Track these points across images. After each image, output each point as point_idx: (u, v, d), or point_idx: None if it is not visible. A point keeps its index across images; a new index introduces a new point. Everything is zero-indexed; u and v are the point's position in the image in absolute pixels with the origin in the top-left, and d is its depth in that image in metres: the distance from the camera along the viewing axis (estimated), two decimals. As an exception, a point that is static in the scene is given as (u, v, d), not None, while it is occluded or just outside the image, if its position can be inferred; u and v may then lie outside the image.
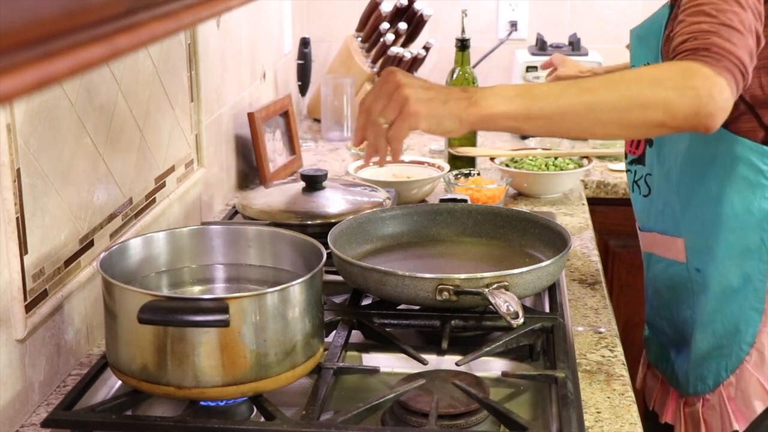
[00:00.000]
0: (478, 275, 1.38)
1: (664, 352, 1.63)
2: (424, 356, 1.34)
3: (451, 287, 1.37)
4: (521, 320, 1.29)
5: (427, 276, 1.38)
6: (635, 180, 1.58)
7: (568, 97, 1.22)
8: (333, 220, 1.68)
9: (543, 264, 1.43)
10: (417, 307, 1.46)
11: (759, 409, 1.46)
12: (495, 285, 1.36)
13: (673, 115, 1.20)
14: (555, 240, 1.57)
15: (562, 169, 2.23)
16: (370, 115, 1.24)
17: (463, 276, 1.38)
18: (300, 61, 2.75)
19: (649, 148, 1.53)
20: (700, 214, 1.46)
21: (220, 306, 1.12)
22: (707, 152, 1.43)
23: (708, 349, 1.49)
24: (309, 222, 1.72)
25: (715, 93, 1.19)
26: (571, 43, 2.82)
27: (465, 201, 1.78)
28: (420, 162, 2.24)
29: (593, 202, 2.31)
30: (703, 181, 1.44)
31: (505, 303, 1.31)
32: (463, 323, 1.42)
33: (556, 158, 2.28)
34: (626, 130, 1.29)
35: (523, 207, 2.11)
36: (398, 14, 2.74)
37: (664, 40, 1.42)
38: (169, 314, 1.12)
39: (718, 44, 1.22)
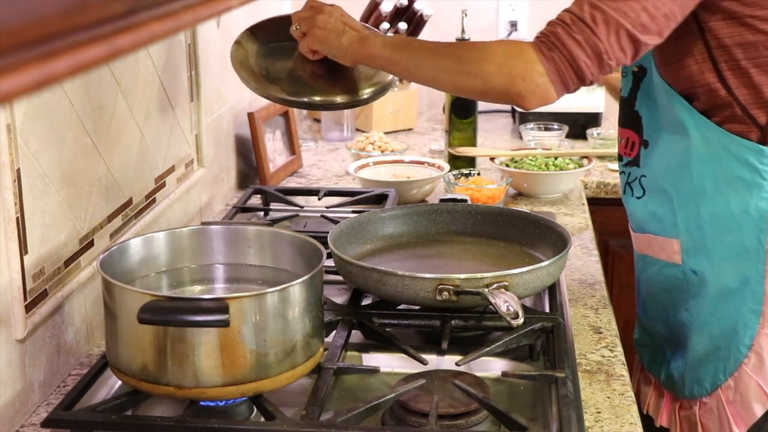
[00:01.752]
0: (478, 275, 1.38)
1: (658, 354, 1.61)
2: (424, 356, 1.34)
3: (451, 287, 1.37)
4: (521, 320, 1.29)
5: (427, 276, 1.38)
6: (628, 182, 1.56)
7: (422, 53, 1.42)
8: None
9: (543, 264, 1.43)
10: (417, 307, 1.46)
11: (759, 412, 1.43)
12: (495, 285, 1.36)
13: (490, 87, 1.35)
14: (555, 240, 1.57)
15: (562, 169, 2.23)
16: (296, 14, 1.52)
17: (463, 276, 1.38)
18: (300, 61, 2.75)
19: (644, 150, 1.52)
20: (696, 214, 1.44)
21: (220, 306, 1.12)
22: (703, 152, 1.41)
23: (705, 351, 1.47)
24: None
25: (528, 77, 1.31)
26: (571, 43, 2.82)
27: (465, 201, 1.78)
28: (420, 162, 2.24)
29: (593, 202, 2.31)
30: (699, 181, 1.43)
31: (505, 303, 1.31)
32: (463, 323, 1.42)
33: (556, 158, 2.28)
34: (459, 91, 1.48)
35: (523, 207, 2.11)
36: (398, 14, 2.73)
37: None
38: (169, 314, 1.12)
39: (558, 36, 1.31)
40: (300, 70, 1.56)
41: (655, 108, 1.48)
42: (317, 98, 1.57)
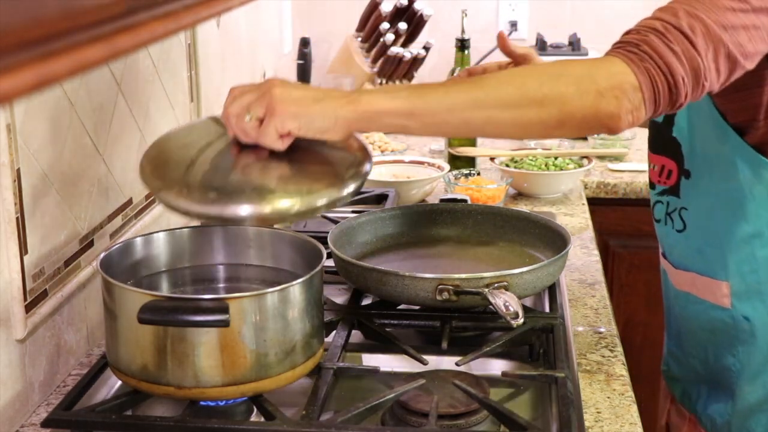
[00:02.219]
0: (478, 275, 1.38)
1: (694, 391, 1.51)
2: (424, 356, 1.34)
3: (451, 287, 1.37)
4: (521, 320, 1.29)
5: (427, 276, 1.38)
6: (668, 212, 1.43)
7: (457, 91, 1.11)
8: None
9: (543, 264, 1.43)
10: (417, 307, 1.46)
11: None
12: (495, 285, 1.36)
13: (571, 114, 1.09)
14: (555, 240, 1.57)
15: (562, 169, 2.23)
16: (234, 105, 1.15)
17: (463, 276, 1.38)
18: (300, 61, 2.75)
19: (684, 180, 1.39)
20: (748, 257, 1.33)
21: (220, 306, 1.12)
22: (759, 193, 1.30)
23: (757, 401, 1.38)
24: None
25: (620, 93, 1.09)
26: (571, 43, 2.82)
27: (465, 201, 1.78)
28: (420, 162, 2.24)
29: (593, 202, 2.31)
30: (755, 223, 1.31)
31: (505, 303, 1.31)
32: (463, 323, 1.42)
33: (556, 158, 2.28)
34: (521, 130, 1.15)
35: (523, 207, 2.11)
36: (398, 14, 2.74)
37: None
38: (169, 314, 1.12)
39: (651, 44, 1.11)
40: (256, 173, 1.16)
41: (698, 136, 1.35)
42: (296, 205, 1.12)
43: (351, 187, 1.15)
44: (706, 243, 1.37)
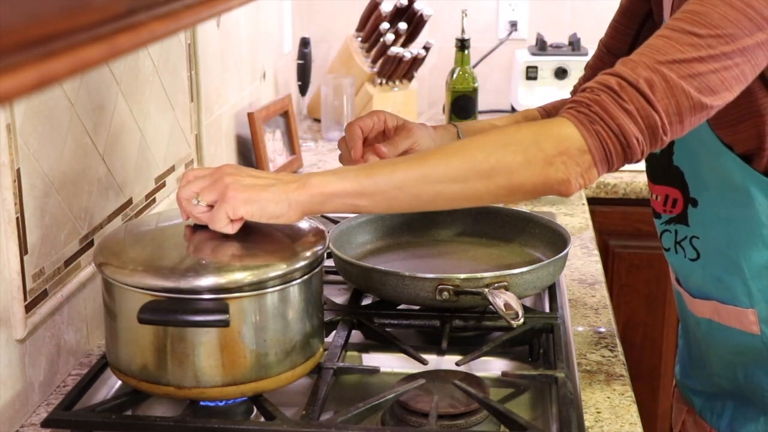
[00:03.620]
0: (478, 275, 1.38)
1: (718, 405, 1.46)
2: (424, 356, 1.34)
3: (451, 287, 1.37)
4: (521, 320, 1.29)
5: (427, 276, 1.38)
6: (678, 241, 1.39)
7: (404, 169, 1.11)
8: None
9: (543, 264, 1.43)
10: (417, 307, 1.46)
11: None
12: (495, 285, 1.36)
13: (520, 183, 1.08)
14: (555, 240, 1.57)
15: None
16: (186, 190, 1.17)
17: (463, 276, 1.38)
18: (300, 61, 2.76)
19: (692, 208, 1.35)
20: None
21: (220, 306, 1.12)
22: None
23: None
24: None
25: (567, 158, 1.07)
26: (571, 43, 2.82)
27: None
28: (420, 162, 2.24)
29: (593, 202, 2.31)
30: None
31: (505, 303, 1.31)
32: (463, 323, 1.42)
33: (556, 158, 2.28)
34: (472, 202, 1.14)
35: (523, 207, 2.11)
36: (398, 14, 2.74)
37: None
38: (169, 314, 1.12)
39: (602, 104, 1.07)
40: (209, 250, 1.17)
41: (704, 166, 1.31)
42: (249, 277, 1.14)
43: (303, 263, 1.19)
44: (725, 272, 1.33)
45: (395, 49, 2.67)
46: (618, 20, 1.54)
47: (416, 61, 2.74)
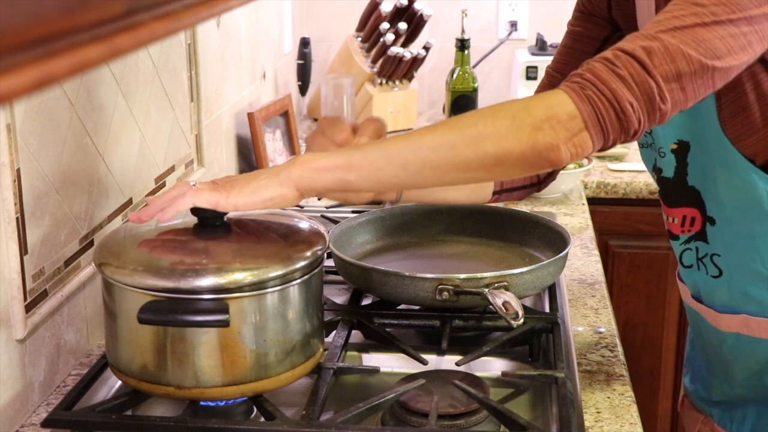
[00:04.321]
0: (478, 275, 1.37)
1: (739, 413, 1.44)
2: (424, 356, 1.34)
3: (451, 287, 1.37)
4: (521, 320, 1.29)
5: (427, 276, 1.38)
6: (699, 258, 1.37)
7: (393, 141, 1.12)
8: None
9: (543, 264, 1.43)
10: (417, 307, 1.46)
11: None
12: (495, 285, 1.36)
13: (508, 149, 1.05)
14: (555, 240, 1.57)
15: (562, 169, 2.23)
16: (175, 189, 1.17)
17: (463, 276, 1.38)
18: (300, 61, 2.76)
19: (710, 227, 1.34)
20: None
21: (220, 306, 1.12)
22: None
23: None
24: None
25: (555, 123, 1.03)
26: (571, 43, 2.82)
27: (465, 201, 1.78)
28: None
29: (593, 202, 2.31)
30: None
31: (505, 303, 1.31)
32: (463, 323, 1.42)
33: (556, 158, 2.28)
34: (462, 172, 1.10)
35: (523, 207, 2.11)
36: (398, 14, 2.74)
37: (720, 117, 1.25)
38: (169, 314, 1.12)
39: (594, 71, 1.05)
40: (209, 257, 1.17)
41: (717, 182, 1.30)
42: (249, 277, 1.14)
43: (303, 263, 1.19)
44: (752, 285, 1.32)
45: (395, 49, 2.67)
46: (569, 46, 1.51)
47: (416, 61, 2.74)
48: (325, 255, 1.27)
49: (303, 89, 2.80)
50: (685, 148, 1.32)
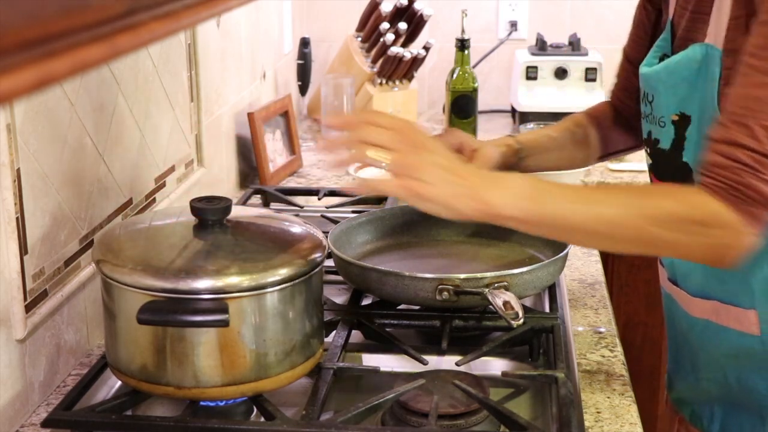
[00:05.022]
0: (478, 275, 1.38)
1: (706, 411, 1.46)
2: (424, 356, 1.34)
3: (451, 287, 1.37)
4: (521, 320, 1.29)
5: (428, 276, 1.38)
6: None
7: (579, 210, 1.16)
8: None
9: (543, 264, 1.43)
10: (417, 307, 1.46)
11: None
12: (495, 285, 1.36)
13: (688, 256, 1.22)
14: (555, 240, 1.56)
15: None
16: (369, 136, 1.18)
17: (463, 276, 1.38)
18: (300, 61, 2.76)
19: None
20: None
21: (220, 306, 1.12)
22: None
23: None
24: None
25: (736, 244, 1.15)
26: (571, 43, 2.82)
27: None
28: (420, 162, 2.24)
29: (593, 202, 2.30)
30: None
31: (505, 303, 1.31)
32: (463, 323, 1.42)
33: (556, 158, 2.28)
34: (637, 252, 1.30)
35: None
36: (398, 14, 2.74)
37: (720, 94, 1.27)
38: (169, 314, 1.12)
39: (751, 186, 1.13)
40: (209, 256, 1.17)
41: None
42: (247, 281, 1.15)
43: (303, 262, 1.20)
44: (727, 271, 1.31)
45: (395, 49, 2.67)
46: (634, 32, 1.54)
47: (416, 61, 2.74)
48: (325, 255, 1.27)
49: (303, 89, 2.80)
50: (686, 122, 1.33)
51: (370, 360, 1.39)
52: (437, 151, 1.17)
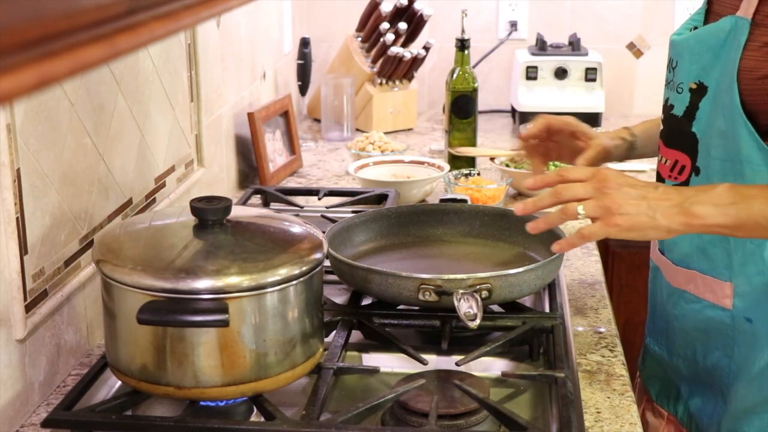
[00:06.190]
0: (462, 276, 1.37)
1: (671, 389, 1.51)
2: (424, 356, 1.34)
3: (432, 287, 1.37)
4: (477, 322, 1.29)
5: (410, 275, 1.38)
6: None
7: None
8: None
9: (528, 267, 1.41)
10: (417, 307, 1.46)
11: None
12: (477, 287, 1.36)
13: None
14: (553, 242, 1.56)
15: None
16: (568, 191, 1.24)
17: (445, 277, 1.37)
18: (300, 61, 2.75)
19: (695, 177, 1.38)
20: (755, 259, 1.32)
21: (220, 306, 1.12)
22: None
23: (752, 404, 1.36)
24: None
25: None
26: (571, 43, 2.82)
27: (465, 201, 1.78)
28: (420, 162, 2.24)
29: (593, 202, 2.30)
30: None
31: (468, 306, 1.31)
32: (463, 323, 1.41)
33: (556, 158, 2.28)
34: None
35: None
36: (398, 14, 2.74)
37: (744, 70, 1.29)
38: (169, 314, 1.12)
39: None
40: (208, 257, 1.17)
41: (715, 134, 1.34)
42: (246, 281, 1.16)
43: (302, 262, 1.20)
44: (711, 243, 1.36)
45: (395, 49, 2.67)
46: None
47: (416, 61, 2.74)
48: (325, 255, 1.27)
49: (303, 89, 2.80)
50: (702, 92, 1.35)
51: (370, 360, 1.39)
52: (626, 183, 1.22)
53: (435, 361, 1.35)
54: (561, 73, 2.74)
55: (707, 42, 1.34)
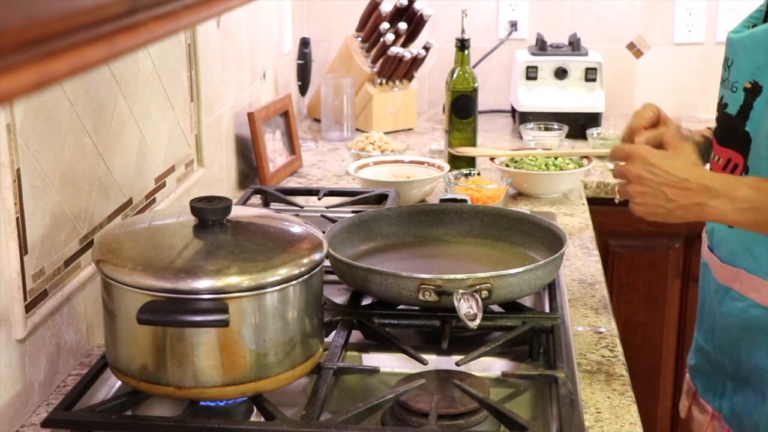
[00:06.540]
0: (460, 276, 1.37)
1: (719, 387, 1.51)
2: (424, 356, 1.34)
3: (432, 287, 1.37)
4: (477, 322, 1.29)
5: (410, 275, 1.38)
6: None
7: None
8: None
9: (528, 267, 1.41)
10: (417, 307, 1.46)
11: None
12: (477, 287, 1.36)
13: None
14: (553, 243, 1.56)
15: (562, 169, 2.23)
16: (614, 171, 1.35)
17: (445, 276, 1.37)
18: (300, 61, 2.76)
19: (745, 175, 1.38)
20: None
21: (220, 306, 1.12)
22: None
23: None
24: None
25: None
26: (571, 43, 2.82)
27: (465, 201, 1.78)
28: (420, 162, 2.24)
29: (593, 202, 2.31)
30: None
31: (468, 307, 1.31)
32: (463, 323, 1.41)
33: (556, 158, 2.28)
34: None
35: (523, 207, 2.11)
36: (398, 14, 2.74)
37: None
38: (168, 314, 1.12)
39: None
40: (208, 257, 1.17)
41: (765, 134, 1.34)
42: (247, 281, 1.15)
43: (302, 262, 1.20)
44: (756, 242, 1.36)
45: (395, 49, 2.67)
46: None
47: (416, 61, 2.74)
48: (325, 255, 1.27)
49: (303, 89, 2.80)
50: (757, 91, 1.35)
51: (370, 360, 1.39)
52: (648, 171, 1.28)
53: (435, 361, 1.35)
54: (561, 73, 2.74)
55: (764, 42, 1.33)
